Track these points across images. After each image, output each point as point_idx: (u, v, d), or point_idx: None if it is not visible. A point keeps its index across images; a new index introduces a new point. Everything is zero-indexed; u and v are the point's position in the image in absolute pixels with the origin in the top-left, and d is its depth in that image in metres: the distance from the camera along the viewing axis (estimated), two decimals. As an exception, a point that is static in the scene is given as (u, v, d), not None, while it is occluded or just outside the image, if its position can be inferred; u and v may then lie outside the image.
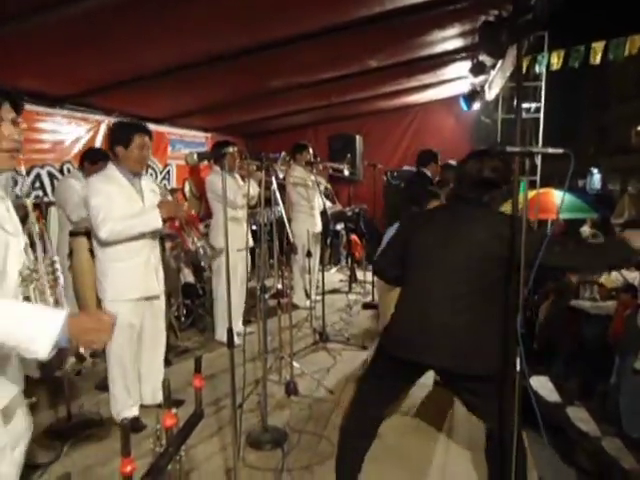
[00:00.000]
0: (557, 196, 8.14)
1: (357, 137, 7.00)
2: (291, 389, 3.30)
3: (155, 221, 2.61)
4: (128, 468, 1.21)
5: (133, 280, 2.69)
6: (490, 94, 6.17)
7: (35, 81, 3.65)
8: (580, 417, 3.02)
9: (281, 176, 3.56)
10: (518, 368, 1.60)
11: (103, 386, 3.20)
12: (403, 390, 2.18)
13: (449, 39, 4.30)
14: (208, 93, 4.78)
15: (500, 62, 4.79)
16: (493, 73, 5.42)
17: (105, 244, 2.62)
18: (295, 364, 3.48)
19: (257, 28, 3.24)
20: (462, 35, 4.21)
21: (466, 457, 2.56)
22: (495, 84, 5.67)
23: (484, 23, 3.39)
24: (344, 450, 2.15)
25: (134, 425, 2.76)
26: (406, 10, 3.38)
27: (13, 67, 3.21)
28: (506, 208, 3.49)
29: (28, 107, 3.96)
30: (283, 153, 3.27)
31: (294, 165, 4.94)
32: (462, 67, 5.36)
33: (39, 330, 1.12)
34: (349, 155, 5.39)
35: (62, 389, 2.94)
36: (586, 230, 10.17)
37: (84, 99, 4.25)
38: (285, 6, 2.95)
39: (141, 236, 2.68)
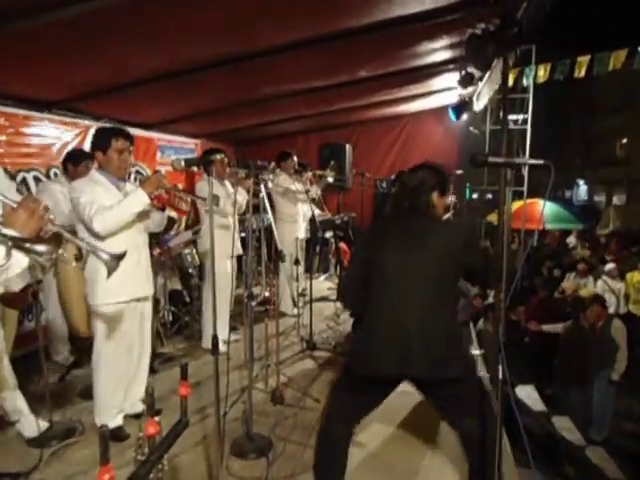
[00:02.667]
0: (543, 207, 8.27)
1: (347, 146, 7.04)
2: (277, 397, 3.28)
3: (142, 197, 2.56)
4: (106, 476, 1.19)
5: (123, 281, 2.66)
6: (478, 105, 6.25)
7: (24, 86, 3.63)
8: (565, 426, 3.05)
9: (270, 185, 3.57)
10: (500, 376, 1.62)
11: (87, 394, 3.16)
12: (377, 403, 2.18)
13: (438, 51, 4.36)
14: (198, 99, 4.78)
15: (488, 74, 4.87)
16: (481, 85, 5.50)
17: (100, 239, 2.58)
18: (281, 372, 3.47)
19: (247, 35, 3.26)
20: (451, 47, 4.27)
21: (451, 468, 2.56)
22: (483, 96, 5.75)
23: (471, 36, 3.44)
24: (322, 459, 2.15)
25: (117, 434, 2.72)
26: (395, 21, 3.43)
27: (2, 71, 3.20)
28: (493, 218, 3.50)
29: (16, 111, 3.94)
30: (273, 163, 3.29)
31: (279, 172, 4.96)
32: (451, 78, 5.43)
33: None
34: (332, 162, 5.42)
35: (44, 397, 2.89)
36: (572, 241, 10.31)
37: (73, 104, 4.23)
38: (275, 14, 2.97)
39: (133, 234, 2.67)
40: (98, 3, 2.34)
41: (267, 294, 4.17)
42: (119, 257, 1.71)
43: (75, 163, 3.65)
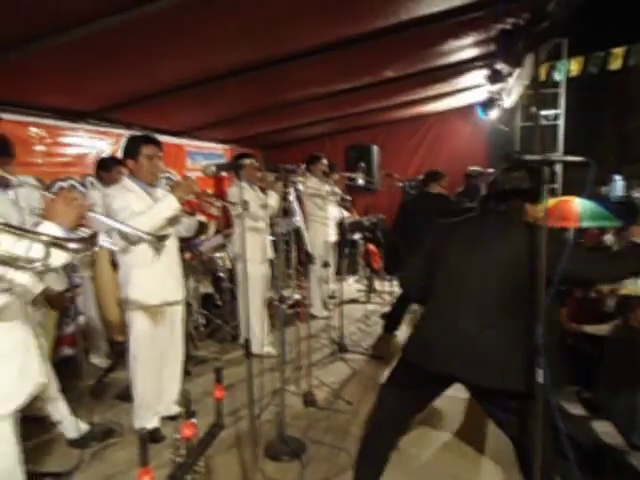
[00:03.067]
0: (579, 204, 8.00)
1: (373, 147, 7.01)
2: (309, 400, 3.28)
3: (173, 202, 2.60)
4: (146, 478, 1.22)
5: (154, 286, 2.72)
6: (507, 102, 6.12)
7: (59, 97, 3.75)
8: (606, 431, 2.93)
9: (300, 187, 3.58)
10: (541, 381, 1.57)
11: (124, 396, 3.24)
12: (426, 401, 2.15)
13: (465, 48, 4.29)
14: (225, 106, 4.85)
15: (518, 70, 4.76)
16: (511, 81, 5.39)
17: (133, 243, 2.63)
18: (313, 375, 3.47)
19: (273, 41, 3.28)
20: (478, 44, 4.20)
21: (496, 474, 2.51)
22: (513, 92, 5.63)
23: (501, 32, 3.37)
24: (364, 458, 2.13)
25: (154, 435, 2.78)
26: (421, 20, 3.39)
27: (39, 84, 3.32)
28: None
29: (52, 122, 4.09)
30: (303, 166, 3.30)
31: (309, 176, 4.97)
32: (478, 75, 5.33)
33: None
34: (362, 164, 5.39)
35: (84, 398, 2.98)
36: (609, 239, 9.95)
37: (105, 114, 4.34)
38: (300, 19, 2.98)
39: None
40: (128, 16, 2.40)
41: (297, 297, 4.19)
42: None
43: (107, 170, 3.78)
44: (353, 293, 6.14)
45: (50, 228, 1.37)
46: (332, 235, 5.21)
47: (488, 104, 6.18)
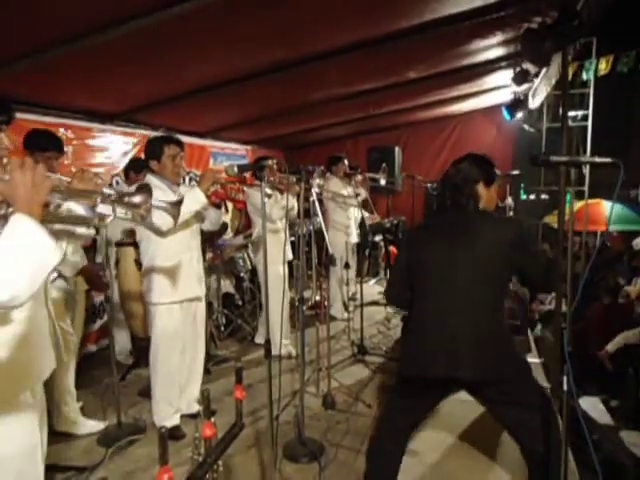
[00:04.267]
0: (607, 207, 7.77)
1: (396, 148, 6.97)
2: (328, 402, 3.27)
3: (199, 196, 2.63)
4: (165, 476, 1.23)
5: (175, 282, 2.76)
6: (534, 102, 6.00)
7: (88, 99, 3.84)
8: (636, 442, 2.84)
9: (317, 189, 3.58)
10: (565, 387, 1.53)
11: (146, 393, 3.29)
12: (428, 409, 2.14)
13: (490, 48, 4.23)
14: (248, 107, 4.89)
15: (545, 69, 4.66)
16: (537, 81, 5.28)
17: (162, 235, 2.68)
18: (333, 376, 3.46)
19: (295, 43, 3.30)
20: (504, 43, 4.13)
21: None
22: (539, 92, 5.51)
23: (527, 31, 3.31)
24: (372, 470, 2.12)
25: (174, 433, 2.81)
26: (446, 20, 3.36)
27: (68, 87, 3.41)
28: (551, 219, 3.33)
29: (81, 123, 4.19)
30: (321, 168, 3.30)
31: (330, 177, 4.97)
32: (504, 76, 5.24)
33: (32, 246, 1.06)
34: (384, 164, 5.36)
35: (109, 396, 3.04)
36: (639, 243, 9.64)
37: (132, 115, 4.43)
38: (324, 20, 2.98)
39: (186, 236, 2.78)
40: (155, 19, 2.44)
41: (318, 298, 4.19)
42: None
43: (137, 171, 3.86)
44: (374, 295, 6.10)
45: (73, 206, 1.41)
46: (353, 236, 5.19)
47: (514, 105, 6.06)
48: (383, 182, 5.23)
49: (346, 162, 5.15)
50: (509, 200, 5.19)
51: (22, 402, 1.38)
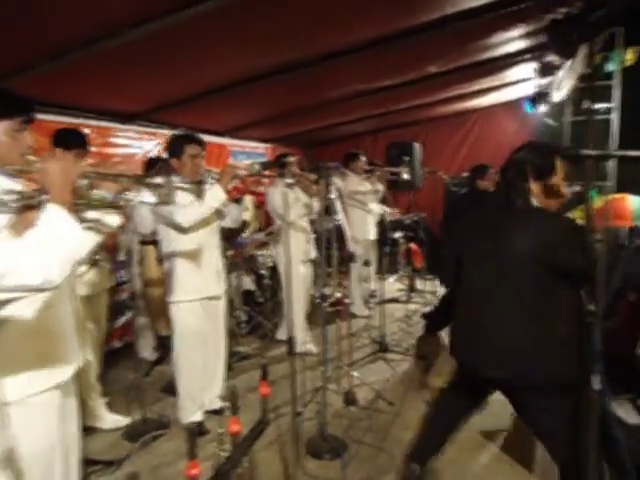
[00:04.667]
0: (633, 202, 7.55)
1: (416, 144, 6.89)
2: (350, 399, 3.27)
3: (219, 192, 2.63)
4: (193, 471, 1.25)
5: (195, 280, 2.79)
6: (557, 95, 5.87)
7: (109, 99, 3.89)
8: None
9: (339, 186, 3.58)
10: (596, 387, 1.49)
11: (169, 389, 3.34)
12: (469, 408, 2.13)
13: (513, 40, 4.14)
14: (267, 105, 4.89)
15: (569, 62, 4.56)
16: (561, 73, 5.16)
17: (184, 232, 2.71)
18: (354, 374, 3.46)
19: (315, 39, 3.28)
20: (527, 36, 4.04)
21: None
22: (563, 85, 5.39)
23: (553, 22, 3.23)
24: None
25: (198, 429, 2.84)
26: (467, 13, 3.30)
27: (90, 88, 3.46)
28: (577, 215, 3.27)
29: (103, 124, 4.25)
30: (340, 166, 3.30)
31: (348, 174, 4.95)
32: (526, 69, 5.14)
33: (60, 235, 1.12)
34: (407, 158, 5.31)
35: (134, 392, 3.09)
36: (667, 238, 9.36)
37: (152, 115, 4.47)
38: (341, 17, 2.96)
39: (206, 234, 2.80)
40: (174, 20, 2.45)
41: (339, 295, 4.18)
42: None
43: (149, 169, 3.90)
44: (394, 292, 6.07)
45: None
46: (372, 233, 5.17)
47: (537, 98, 5.95)
48: (406, 176, 5.16)
49: (364, 158, 5.13)
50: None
51: (49, 398, 1.41)
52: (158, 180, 1.34)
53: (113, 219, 1.53)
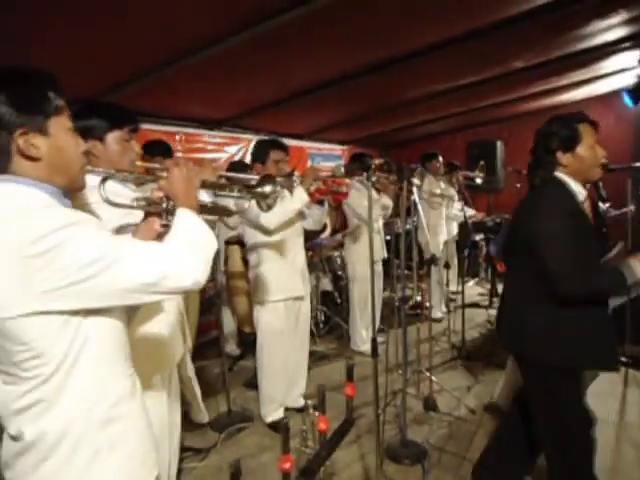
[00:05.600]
0: None
1: (498, 143, 6.60)
2: (430, 404, 3.20)
3: (301, 194, 2.67)
4: (286, 465, 1.29)
5: (280, 281, 2.87)
6: (662, 86, 5.36)
7: (200, 108, 4.13)
8: None
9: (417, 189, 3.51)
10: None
11: (251, 384, 3.46)
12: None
13: (612, 28, 3.83)
14: (346, 107, 4.93)
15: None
16: (667, 61, 4.71)
17: (268, 234, 2.81)
18: (434, 379, 3.38)
19: (398, 38, 3.24)
20: (628, 22, 3.72)
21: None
22: (669, 74, 4.91)
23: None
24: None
25: (279, 426, 2.92)
26: (560, 2, 3.11)
27: (180, 97, 3.69)
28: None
29: (192, 130, 4.52)
30: (419, 166, 3.25)
31: (426, 174, 4.85)
32: (626, 58, 4.74)
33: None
34: (482, 162, 5.10)
35: (218, 385, 3.24)
36: None
37: (237, 121, 4.68)
38: (426, 13, 2.91)
39: (290, 236, 2.88)
40: (258, 30, 2.55)
41: (419, 298, 4.12)
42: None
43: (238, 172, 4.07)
44: (474, 296, 5.85)
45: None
46: (451, 235, 5.04)
47: (638, 90, 5.46)
48: (479, 181, 4.98)
49: (441, 159, 5.01)
50: (631, 207, 4.20)
51: (156, 384, 1.52)
52: (267, 189, 1.38)
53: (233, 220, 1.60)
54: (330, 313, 4.84)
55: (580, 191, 1.84)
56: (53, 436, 0.98)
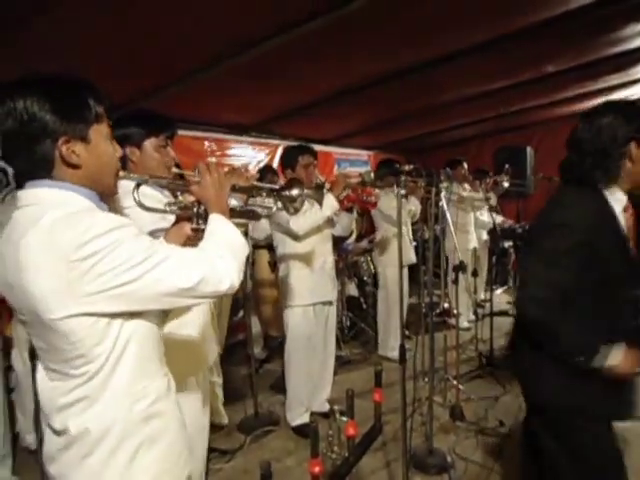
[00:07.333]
0: None
1: (527, 148, 6.47)
2: (457, 413, 3.16)
3: (332, 201, 2.69)
4: (317, 469, 1.29)
5: (311, 285, 2.88)
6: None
7: (230, 113, 4.20)
8: None
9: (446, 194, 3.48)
10: None
11: (277, 387, 3.48)
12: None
13: (654, 29, 3.72)
14: (373, 112, 4.93)
15: None
16: None
17: (298, 239, 2.83)
18: (461, 387, 3.33)
19: (430, 43, 3.23)
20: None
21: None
22: None
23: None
24: None
25: (304, 430, 2.93)
26: (594, 5, 3.04)
27: (210, 103, 3.76)
28: None
29: (222, 136, 4.60)
30: (448, 171, 3.23)
31: (453, 180, 4.80)
32: (664, 61, 4.59)
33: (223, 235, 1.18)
34: (507, 166, 5.02)
35: (245, 388, 3.26)
36: None
37: (265, 126, 4.74)
38: (455, 18, 2.89)
39: (319, 241, 2.89)
40: (285, 38, 2.59)
41: (446, 305, 4.07)
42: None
43: (260, 179, 4.12)
44: (502, 305, 5.74)
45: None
46: (479, 242, 4.96)
47: (675, 94, 5.29)
48: (506, 184, 4.90)
49: (465, 165, 4.97)
50: None
51: (190, 385, 1.55)
52: (294, 192, 1.41)
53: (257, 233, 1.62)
54: (355, 319, 4.83)
55: (619, 197, 1.51)
56: (97, 431, 1.01)
